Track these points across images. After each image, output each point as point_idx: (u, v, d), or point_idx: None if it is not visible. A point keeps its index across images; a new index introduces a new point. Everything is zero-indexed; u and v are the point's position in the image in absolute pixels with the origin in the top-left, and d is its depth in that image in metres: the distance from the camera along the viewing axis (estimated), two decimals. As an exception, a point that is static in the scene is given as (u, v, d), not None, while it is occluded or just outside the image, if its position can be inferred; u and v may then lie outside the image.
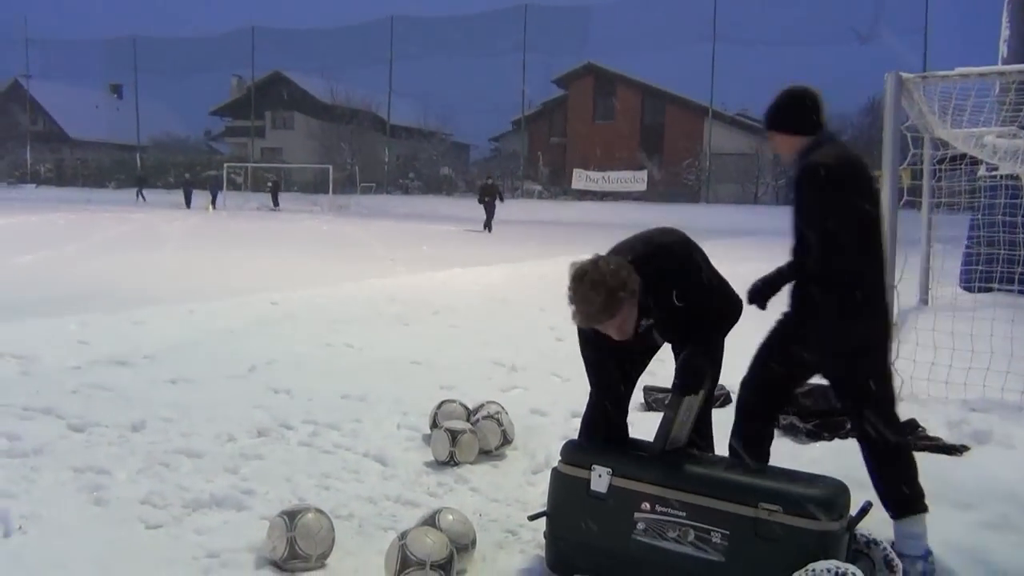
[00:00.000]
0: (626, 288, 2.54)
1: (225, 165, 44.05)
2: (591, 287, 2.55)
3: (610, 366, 2.84)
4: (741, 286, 3.13)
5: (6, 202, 36.16)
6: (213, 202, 36.03)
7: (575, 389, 5.17)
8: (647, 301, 2.65)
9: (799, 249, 2.95)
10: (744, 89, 69.49)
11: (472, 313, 8.12)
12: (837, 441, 4.12)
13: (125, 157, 52.92)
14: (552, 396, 4.98)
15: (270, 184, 39.84)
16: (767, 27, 40.20)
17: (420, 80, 65.35)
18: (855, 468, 3.47)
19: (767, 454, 3.03)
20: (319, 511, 2.82)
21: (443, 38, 45.83)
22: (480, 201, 24.98)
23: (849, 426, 4.26)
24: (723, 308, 2.92)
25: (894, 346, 5.14)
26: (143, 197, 40.89)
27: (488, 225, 24.34)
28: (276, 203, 38.41)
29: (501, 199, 25.22)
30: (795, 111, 3.06)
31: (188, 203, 36.21)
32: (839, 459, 3.72)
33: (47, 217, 24.12)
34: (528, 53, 43.37)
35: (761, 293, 3.14)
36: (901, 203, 5.45)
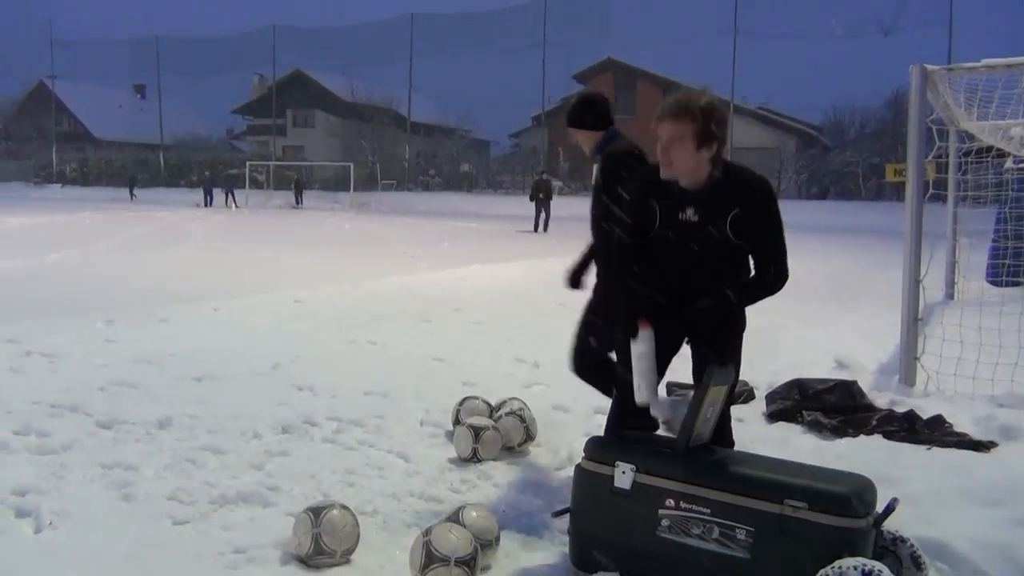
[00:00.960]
0: (705, 113, 2.62)
1: (247, 164, 44.35)
2: (688, 90, 2.73)
3: (633, 214, 2.88)
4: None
5: (33, 202, 36.61)
6: (233, 200, 36.28)
7: (597, 385, 5.18)
8: (705, 196, 2.70)
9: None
10: (766, 82, 68.89)
11: (493, 309, 8.13)
12: (862, 437, 4.10)
13: (148, 156, 53.45)
14: (574, 392, 4.95)
15: (294, 182, 40.09)
16: (789, 20, 40.01)
17: (440, 77, 65.64)
18: (881, 464, 3.45)
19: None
20: (344, 507, 2.83)
21: (462, 35, 45.87)
22: (532, 198, 23.01)
23: (875, 422, 4.24)
24: (777, 271, 2.84)
25: (920, 342, 5.13)
26: (134, 195, 41.85)
27: (544, 224, 22.45)
28: (300, 200, 38.64)
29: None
30: (590, 110, 3.62)
31: (208, 202, 36.43)
32: (865, 455, 3.70)
33: (73, 217, 24.40)
34: (548, 48, 43.34)
35: (576, 275, 4.01)
36: (927, 196, 5.41)
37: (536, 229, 21.96)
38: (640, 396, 2.78)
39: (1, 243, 14.79)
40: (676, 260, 2.82)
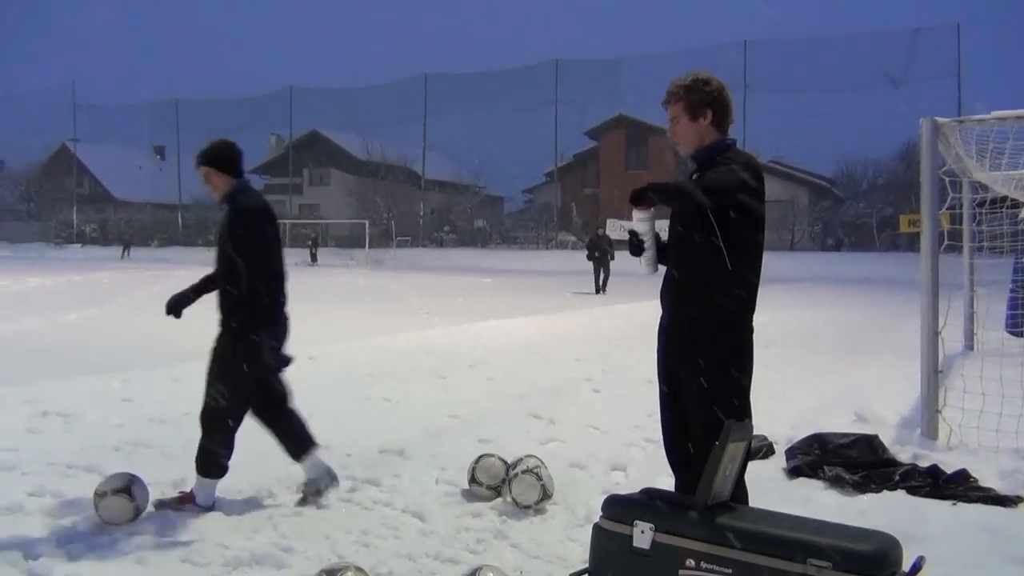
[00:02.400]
0: (691, 90, 2.88)
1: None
2: (687, 74, 2.94)
3: None
4: (781, 335, 3.10)
5: (53, 262, 37.06)
6: None
7: (614, 441, 5.13)
8: (703, 161, 2.88)
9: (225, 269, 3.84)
10: (777, 136, 69.55)
11: (508, 365, 8.10)
12: (886, 493, 4.02)
13: (167, 216, 54.17)
14: (590, 449, 4.92)
15: (310, 240, 40.45)
16: (798, 74, 40.28)
17: (454, 135, 66.50)
18: (906, 521, 3.38)
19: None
20: (359, 569, 2.79)
21: (476, 94, 46.57)
22: (590, 257, 20.63)
23: (898, 477, 4.17)
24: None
25: (941, 394, 5.06)
26: (128, 254, 42.55)
27: (602, 286, 20.03)
28: (315, 259, 38.93)
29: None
30: (229, 155, 3.92)
31: None
32: (889, 511, 3.63)
33: (91, 276, 24.64)
34: (560, 106, 43.91)
35: (179, 304, 4.26)
36: (942, 247, 5.39)
37: (598, 291, 19.85)
38: (643, 270, 2.99)
39: (21, 304, 14.94)
40: (673, 231, 2.97)
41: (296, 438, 4.00)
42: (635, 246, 2.96)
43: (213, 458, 3.76)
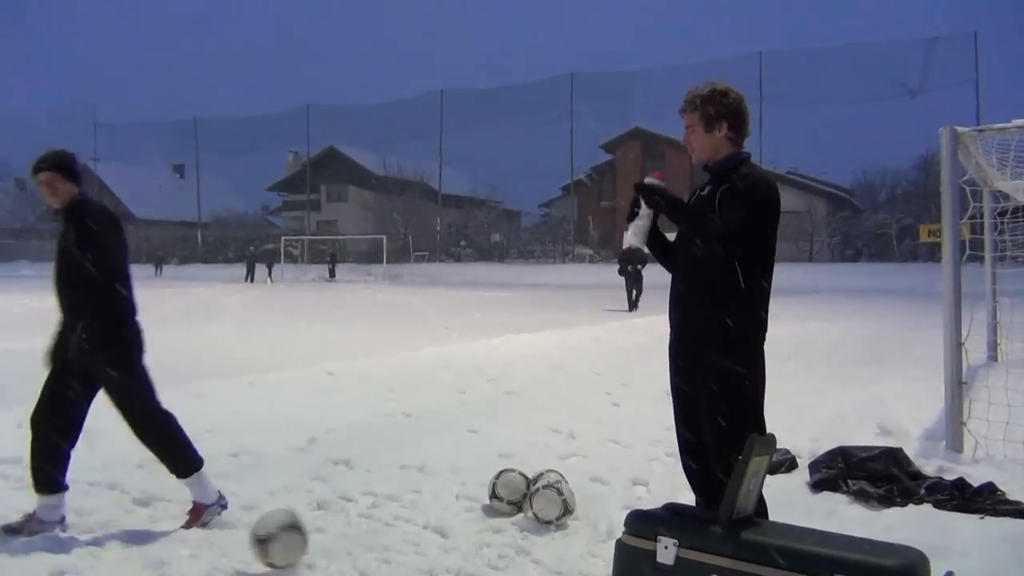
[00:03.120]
0: (707, 101, 2.88)
1: (282, 238, 45.14)
2: (700, 85, 2.94)
3: None
4: (801, 347, 3.08)
5: (74, 280, 37.43)
6: (269, 274, 36.80)
7: (634, 456, 5.11)
8: (717, 175, 2.87)
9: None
10: (794, 147, 69.44)
11: (527, 379, 8.08)
12: (911, 506, 3.97)
13: (187, 233, 54.65)
14: (611, 463, 4.90)
15: (329, 256, 40.68)
16: (814, 85, 40.22)
17: (470, 150, 66.83)
18: (933, 535, 3.34)
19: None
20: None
21: (491, 109, 46.83)
22: (622, 272, 18.90)
23: (924, 490, 4.12)
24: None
25: (966, 406, 5.01)
26: (161, 272, 43.20)
27: (635, 302, 18.39)
28: (333, 274, 39.11)
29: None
30: (72, 162, 3.83)
31: (250, 277, 36.66)
32: (915, 525, 3.58)
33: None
34: (575, 120, 44.02)
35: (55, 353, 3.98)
36: (964, 258, 5.34)
37: (631, 307, 18.17)
38: (628, 240, 3.01)
39: (43, 321, 15.06)
40: (680, 242, 2.97)
41: (57, 464, 3.80)
42: (632, 214, 2.98)
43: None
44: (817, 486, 4.36)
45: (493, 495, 4.05)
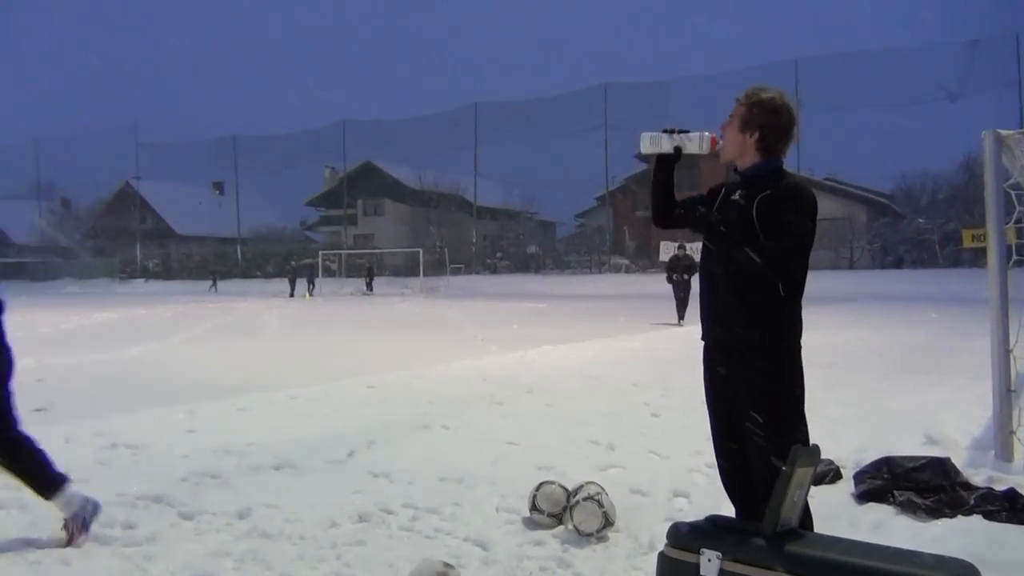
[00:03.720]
0: (750, 102, 2.86)
1: (320, 253, 45.62)
2: (779, 90, 2.91)
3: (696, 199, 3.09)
4: (843, 355, 3.04)
5: (118, 297, 38.17)
6: (309, 289, 37.16)
7: (675, 467, 5.07)
8: (749, 181, 2.86)
9: None
10: (832, 153, 68.65)
11: (565, 391, 8.07)
12: (960, 518, 3.89)
13: (227, 249, 55.48)
14: (651, 475, 4.87)
15: (367, 270, 41.05)
16: (852, 91, 39.76)
17: (505, 162, 67.07)
18: (983, 547, 3.27)
19: None
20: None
21: (526, 120, 46.93)
22: (670, 279, 17.49)
23: (973, 501, 4.03)
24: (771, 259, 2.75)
25: (1015, 414, 4.90)
26: (216, 288, 43.22)
27: (683, 313, 16.59)
28: (371, 287, 39.39)
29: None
30: None
31: (293, 290, 36.90)
32: (965, 538, 3.51)
33: (155, 310, 25.30)
34: (609, 130, 43.96)
35: None
36: (1011, 263, 5.23)
37: (680, 320, 16.53)
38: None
39: (88, 338, 15.39)
40: (712, 247, 2.93)
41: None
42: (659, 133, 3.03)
43: None
44: (862, 497, 4.29)
45: (533, 507, 4.04)
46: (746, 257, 2.73)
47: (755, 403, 2.77)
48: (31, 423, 6.52)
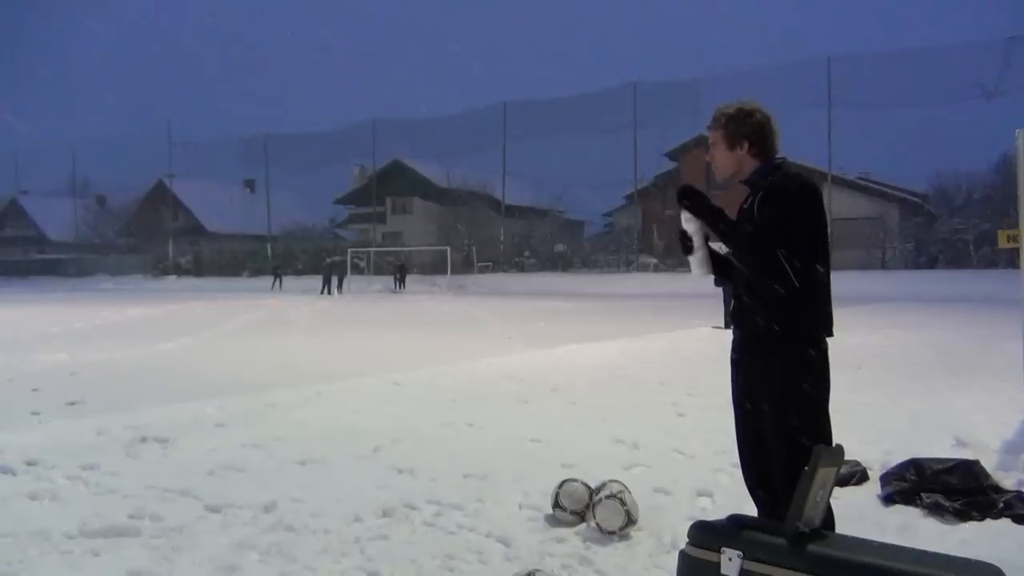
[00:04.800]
0: (731, 120, 2.89)
1: (349, 251, 45.90)
2: (727, 103, 2.94)
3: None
4: (874, 356, 3.02)
5: (150, 293, 38.69)
6: (340, 286, 37.39)
7: (699, 467, 5.04)
8: (754, 184, 2.89)
9: None
10: (865, 152, 67.78)
11: (590, 389, 8.06)
12: (989, 521, 3.84)
13: (257, 247, 56.00)
14: (675, 474, 4.85)
15: (397, 267, 41.23)
16: (885, 89, 39.28)
17: (533, 160, 67.00)
18: (1012, 551, 3.23)
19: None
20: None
21: (554, 119, 46.86)
22: (718, 284, 16.94)
23: (1002, 504, 3.98)
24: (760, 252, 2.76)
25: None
26: (280, 285, 42.16)
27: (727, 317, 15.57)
28: (401, 285, 39.52)
29: None
30: None
31: (327, 288, 36.92)
32: (993, 541, 3.46)
33: (187, 306, 25.62)
34: (639, 129, 43.77)
35: None
36: (1044, 263, 5.15)
37: (727, 324, 15.35)
38: (695, 273, 3.11)
39: (121, 333, 15.62)
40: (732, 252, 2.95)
41: None
42: (686, 247, 3.04)
43: None
44: (889, 499, 4.24)
45: (556, 505, 4.05)
46: (742, 250, 2.80)
47: (773, 398, 2.77)
48: (64, 416, 6.68)
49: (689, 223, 3.01)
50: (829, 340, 2.84)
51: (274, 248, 54.22)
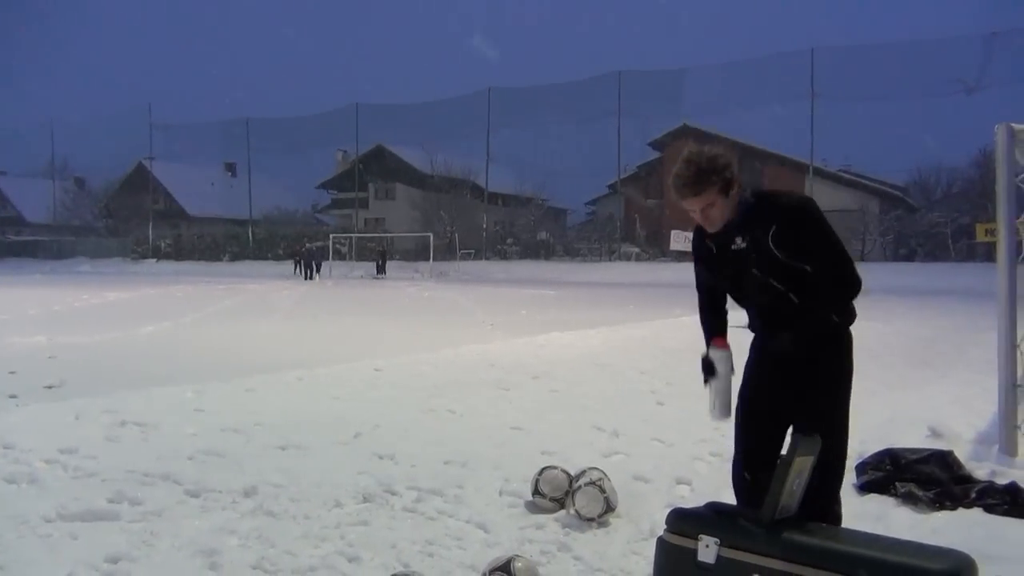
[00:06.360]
0: (718, 172, 2.75)
1: (331, 236, 45.68)
2: (686, 161, 2.79)
3: (706, 277, 3.13)
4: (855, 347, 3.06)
5: (130, 276, 38.37)
6: (318, 270, 37.21)
7: (678, 454, 5.09)
8: (744, 221, 2.83)
9: None
10: (847, 144, 68.07)
11: (571, 377, 8.09)
12: (961, 511, 3.90)
13: (238, 231, 55.62)
14: (654, 462, 4.89)
15: (378, 253, 41.09)
16: (867, 82, 39.45)
17: (516, 148, 66.67)
18: (982, 540, 3.28)
19: None
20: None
21: (538, 107, 46.75)
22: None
23: (974, 494, 4.04)
24: (840, 275, 2.83)
25: (1021, 409, 4.89)
26: (313, 270, 38.54)
27: None
28: (382, 270, 39.40)
29: None
30: None
31: (308, 273, 36.55)
32: (964, 530, 3.52)
33: (166, 290, 25.43)
34: (623, 118, 43.77)
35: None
36: (1020, 257, 5.21)
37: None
38: (714, 414, 3.08)
39: (100, 316, 15.50)
40: (748, 290, 2.94)
41: None
42: (711, 377, 3.05)
43: None
44: (864, 488, 4.30)
45: (536, 491, 4.07)
46: (799, 278, 2.80)
47: (836, 386, 2.97)
48: (42, 399, 6.63)
49: (721, 361, 3.00)
50: None
51: (259, 230, 53.88)
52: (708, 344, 3.09)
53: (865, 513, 3.90)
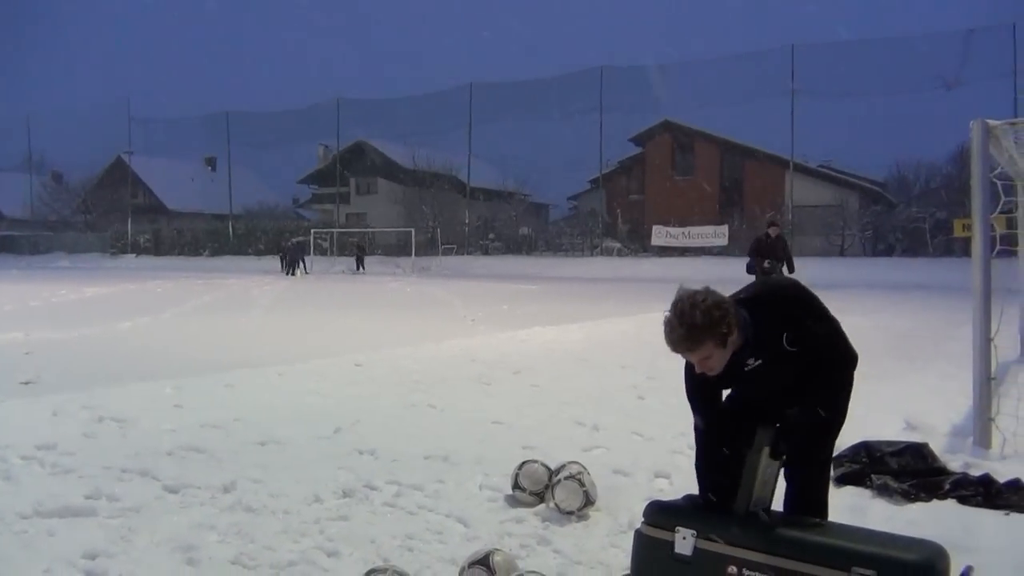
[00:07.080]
0: (712, 328, 2.53)
1: (312, 231, 45.45)
2: (678, 317, 2.57)
3: (708, 395, 2.87)
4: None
5: (108, 271, 38.02)
6: (302, 266, 37.02)
7: (657, 448, 5.12)
8: (755, 341, 2.65)
9: None
10: (827, 140, 68.68)
11: (552, 372, 8.11)
12: (935, 502, 3.95)
13: (218, 226, 55.21)
14: (634, 456, 4.92)
15: (357, 248, 40.90)
16: (847, 78, 39.63)
17: (499, 143, 66.79)
18: (955, 531, 3.33)
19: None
20: (402, 573, 2.83)
21: (520, 102, 46.62)
22: (759, 269, 14.25)
23: (948, 486, 4.10)
24: (841, 358, 2.84)
25: (994, 402, 4.96)
26: (363, 268, 39.06)
27: None
28: (361, 265, 39.22)
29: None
30: None
31: (290, 269, 36.28)
32: (938, 521, 3.57)
33: (145, 285, 25.22)
34: (605, 113, 43.78)
35: None
36: (995, 252, 5.28)
37: None
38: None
39: (78, 312, 15.36)
40: (764, 399, 2.83)
41: None
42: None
43: None
44: (840, 480, 4.35)
45: (516, 486, 4.09)
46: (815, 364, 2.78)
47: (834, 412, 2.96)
48: (19, 395, 6.57)
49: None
50: None
51: (239, 225, 53.53)
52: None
53: (841, 505, 3.94)
